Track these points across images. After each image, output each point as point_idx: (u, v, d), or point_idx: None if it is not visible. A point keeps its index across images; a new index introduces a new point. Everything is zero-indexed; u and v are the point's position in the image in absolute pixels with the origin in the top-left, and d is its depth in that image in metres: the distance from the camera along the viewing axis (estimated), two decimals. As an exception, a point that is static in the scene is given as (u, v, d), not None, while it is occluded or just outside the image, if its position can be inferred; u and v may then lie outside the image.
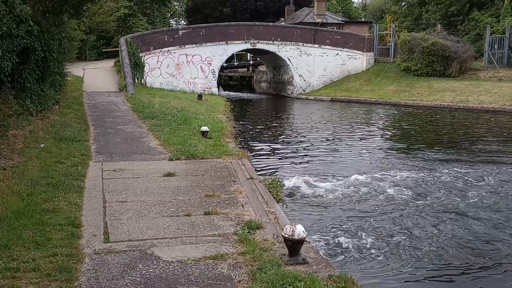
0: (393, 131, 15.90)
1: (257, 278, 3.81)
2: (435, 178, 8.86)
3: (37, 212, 5.08)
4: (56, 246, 4.34)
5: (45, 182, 6.13)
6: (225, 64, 31.77)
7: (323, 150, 12.00)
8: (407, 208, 7.12)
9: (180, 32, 26.48)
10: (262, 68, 36.40)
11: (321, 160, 10.77)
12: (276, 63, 30.43)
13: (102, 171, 7.14)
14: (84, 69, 23.08)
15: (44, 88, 11.25)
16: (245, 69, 40.35)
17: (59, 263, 4.00)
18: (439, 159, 10.81)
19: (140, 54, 23.75)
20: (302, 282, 3.71)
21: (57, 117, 11.00)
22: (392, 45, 30.08)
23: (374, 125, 16.87)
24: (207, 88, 26.36)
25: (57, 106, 12.19)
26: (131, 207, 5.59)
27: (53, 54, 11.41)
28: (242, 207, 5.71)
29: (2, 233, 4.45)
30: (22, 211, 5.03)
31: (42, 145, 8.05)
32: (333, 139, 13.67)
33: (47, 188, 5.92)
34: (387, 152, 12.02)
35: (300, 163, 10.45)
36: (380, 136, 14.68)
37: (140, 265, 4.07)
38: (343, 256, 5.37)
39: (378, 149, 12.32)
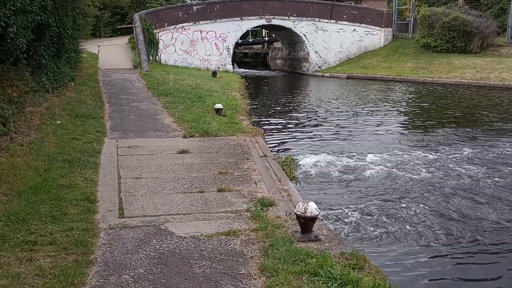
0: (410, 109, 15.61)
1: (269, 255, 3.82)
2: (454, 156, 8.70)
3: (53, 188, 5.17)
4: (73, 220, 4.43)
5: (62, 158, 6.22)
6: (239, 41, 31.48)
7: (339, 128, 11.88)
8: (424, 187, 7.04)
9: (194, 8, 26.18)
10: (278, 44, 35.91)
11: (336, 138, 10.68)
12: (292, 40, 29.96)
13: (117, 148, 7.20)
14: (99, 46, 23.12)
15: (59, 65, 11.32)
16: (260, 45, 39.89)
17: (75, 237, 4.08)
18: (458, 137, 10.60)
19: (155, 31, 23.62)
20: (314, 259, 3.71)
21: (73, 94, 11.09)
22: (411, 20, 29.24)
23: (390, 103, 16.58)
24: (222, 65, 26.20)
25: (72, 83, 12.29)
26: (146, 183, 5.64)
27: (67, 30, 11.41)
28: (255, 184, 5.72)
29: (20, 208, 4.55)
30: (39, 186, 5.12)
31: (58, 122, 8.15)
32: (349, 117, 13.51)
33: (63, 164, 6.01)
34: (404, 130, 11.83)
35: (315, 141, 10.38)
36: (397, 114, 14.44)
37: (154, 240, 4.13)
38: (355, 234, 5.36)
39: (395, 127, 12.13)
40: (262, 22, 27.37)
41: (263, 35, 38.63)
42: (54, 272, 3.50)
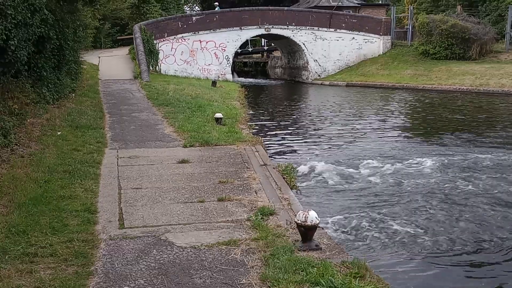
0: (410, 115, 15.64)
1: (270, 264, 3.81)
2: (456, 163, 8.68)
3: (54, 199, 5.18)
4: (73, 231, 4.42)
5: (62, 169, 6.23)
6: (239, 50, 31.61)
7: (339, 136, 11.89)
8: (425, 194, 7.02)
9: (194, 18, 26.37)
10: (277, 53, 36.08)
11: (336, 146, 10.68)
12: (291, 48, 30.11)
13: (117, 158, 7.22)
14: (99, 57, 23.25)
15: (60, 76, 11.38)
16: (260, 54, 40.05)
17: (75, 248, 4.08)
18: (457, 144, 10.60)
19: (154, 41, 23.76)
20: (315, 268, 3.70)
21: (73, 105, 11.14)
22: (410, 28, 29.41)
23: (390, 110, 16.61)
24: (222, 74, 26.30)
25: (73, 94, 12.33)
26: (146, 193, 5.64)
27: (68, 42, 11.50)
28: (256, 193, 5.71)
29: (21, 219, 4.56)
30: (39, 197, 5.13)
31: (58, 133, 8.18)
32: (349, 125, 13.52)
33: (64, 175, 6.02)
34: (405, 137, 11.84)
35: (315, 149, 10.39)
36: (396, 121, 14.46)
37: (154, 250, 4.12)
38: (356, 242, 5.34)
39: (395, 134, 12.14)
40: (261, 31, 27.53)
41: (263, 44, 38.78)
42: (54, 284, 3.49)
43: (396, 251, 5.18)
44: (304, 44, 28.24)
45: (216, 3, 32.20)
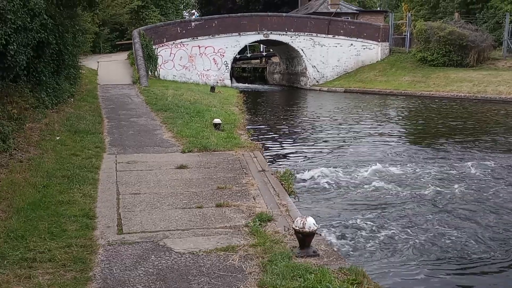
0: (408, 122, 15.70)
1: (268, 270, 3.83)
2: (453, 170, 8.72)
3: (52, 204, 5.18)
4: (71, 237, 4.43)
5: (61, 174, 6.24)
6: (238, 56, 31.70)
7: (336, 142, 11.92)
8: (424, 201, 7.04)
9: (193, 23, 26.47)
10: (275, 59, 36.22)
11: (334, 152, 10.71)
12: (290, 54, 30.23)
13: (116, 163, 7.22)
14: (98, 62, 23.28)
15: (59, 81, 11.41)
16: (258, 60, 40.23)
17: (74, 253, 4.08)
18: (455, 150, 10.64)
19: (153, 47, 23.82)
20: (313, 275, 3.71)
21: (72, 110, 11.15)
22: (408, 34, 29.60)
23: (388, 117, 16.67)
24: (220, 80, 26.36)
25: (72, 99, 12.35)
26: (144, 199, 5.65)
27: (67, 47, 11.53)
28: (254, 199, 5.73)
29: (19, 224, 4.56)
30: (38, 202, 5.13)
31: (57, 138, 8.18)
32: (346, 131, 13.57)
33: (63, 180, 6.03)
34: (403, 144, 11.88)
35: (313, 155, 10.41)
36: (394, 127, 14.50)
37: (153, 256, 4.13)
38: (354, 249, 5.35)
39: (393, 140, 12.18)
40: (260, 37, 27.65)
41: (261, 50, 38.94)
42: (52, 289, 3.49)
43: (395, 257, 5.19)
44: (302, 50, 28.36)
45: (194, 11, 32.47)
